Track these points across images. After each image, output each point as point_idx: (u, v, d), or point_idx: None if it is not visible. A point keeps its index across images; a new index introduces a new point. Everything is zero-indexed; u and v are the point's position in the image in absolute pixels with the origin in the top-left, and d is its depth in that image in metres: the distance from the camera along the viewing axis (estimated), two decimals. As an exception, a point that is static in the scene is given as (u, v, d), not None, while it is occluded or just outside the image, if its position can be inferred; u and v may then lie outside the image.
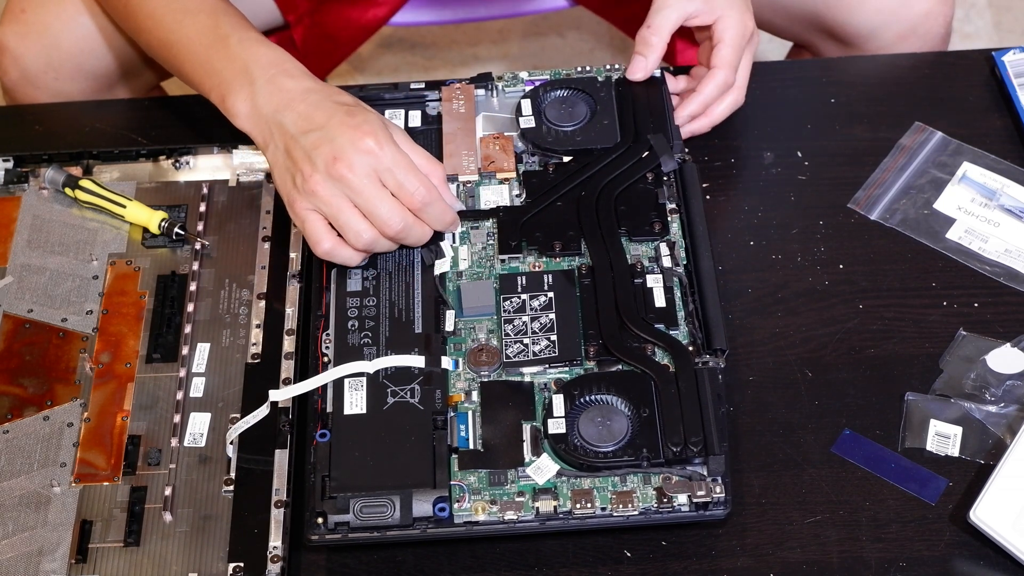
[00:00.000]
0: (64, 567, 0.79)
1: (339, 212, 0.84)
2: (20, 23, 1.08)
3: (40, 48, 1.08)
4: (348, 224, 0.84)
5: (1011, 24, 1.88)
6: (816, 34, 1.15)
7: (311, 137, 0.85)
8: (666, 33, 0.96)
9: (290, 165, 0.85)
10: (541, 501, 0.79)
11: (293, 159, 0.85)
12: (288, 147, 0.86)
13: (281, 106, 0.87)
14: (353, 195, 0.84)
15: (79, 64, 1.09)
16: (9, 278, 0.92)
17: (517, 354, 0.84)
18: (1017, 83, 1.00)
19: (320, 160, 0.84)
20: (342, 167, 0.83)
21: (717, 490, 0.78)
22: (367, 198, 0.84)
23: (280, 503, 0.80)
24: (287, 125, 0.86)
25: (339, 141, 0.84)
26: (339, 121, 0.85)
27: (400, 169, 0.85)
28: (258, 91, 0.88)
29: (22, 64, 1.08)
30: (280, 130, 0.86)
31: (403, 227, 0.85)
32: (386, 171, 0.84)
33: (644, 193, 0.92)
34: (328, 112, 0.86)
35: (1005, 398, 0.86)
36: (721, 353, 0.84)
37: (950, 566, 0.80)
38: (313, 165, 0.84)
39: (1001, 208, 0.95)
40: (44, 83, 1.09)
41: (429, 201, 0.86)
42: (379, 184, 0.84)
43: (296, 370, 0.86)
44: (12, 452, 0.84)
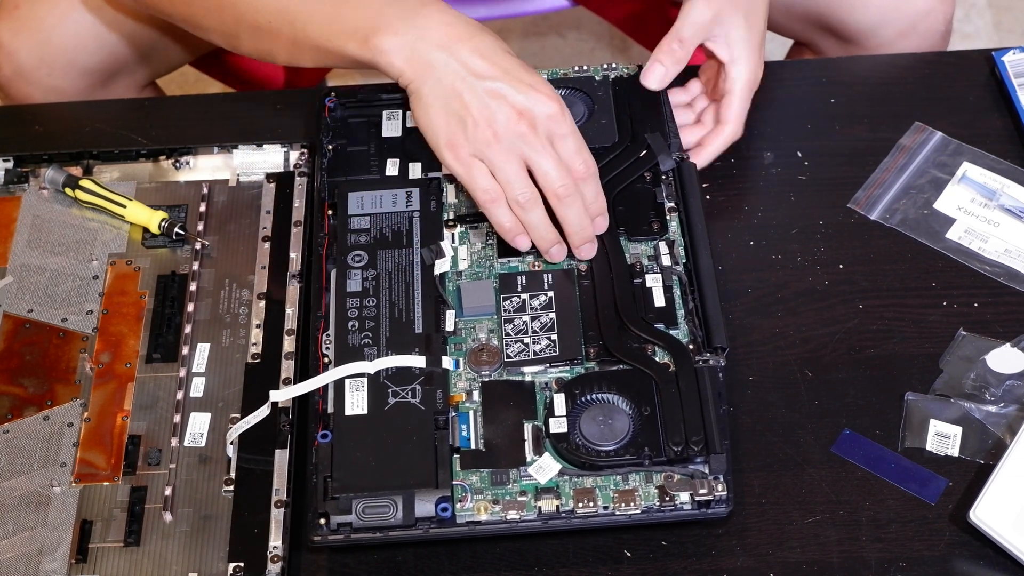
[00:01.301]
0: (64, 567, 0.79)
1: (508, 164, 0.84)
2: (14, 19, 1.08)
3: (33, 44, 1.07)
4: (515, 178, 0.84)
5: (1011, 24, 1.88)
6: (816, 32, 1.15)
7: (489, 84, 0.84)
8: (691, 50, 0.95)
9: (458, 107, 0.84)
10: (543, 500, 0.79)
11: (464, 102, 0.84)
12: (457, 87, 0.84)
13: (446, 42, 0.84)
14: (528, 151, 0.84)
15: (72, 60, 1.08)
16: (9, 278, 0.92)
17: (518, 353, 0.84)
18: (1017, 83, 1.00)
19: (502, 112, 0.83)
20: (524, 124, 0.83)
21: (719, 488, 0.78)
22: (541, 156, 0.84)
23: (280, 503, 0.80)
24: (456, 64, 0.84)
25: (523, 97, 0.84)
26: (518, 76, 0.84)
27: (574, 139, 0.85)
28: (414, 23, 0.85)
29: (15, 60, 1.08)
30: (447, 68, 0.84)
31: (568, 192, 0.85)
32: (561, 137, 0.85)
33: (642, 192, 0.92)
34: (505, 62, 0.85)
35: (1005, 398, 0.86)
36: (721, 351, 0.84)
37: (950, 566, 0.80)
38: (492, 115, 0.83)
39: (1001, 208, 0.95)
40: (38, 79, 1.09)
41: (592, 174, 0.86)
42: (551, 146, 0.85)
43: (296, 370, 0.86)
44: (12, 452, 0.84)
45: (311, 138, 0.97)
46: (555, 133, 0.85)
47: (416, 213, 0.91)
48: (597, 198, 0.87)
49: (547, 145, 0.84)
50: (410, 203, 0.92)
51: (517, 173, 0.84)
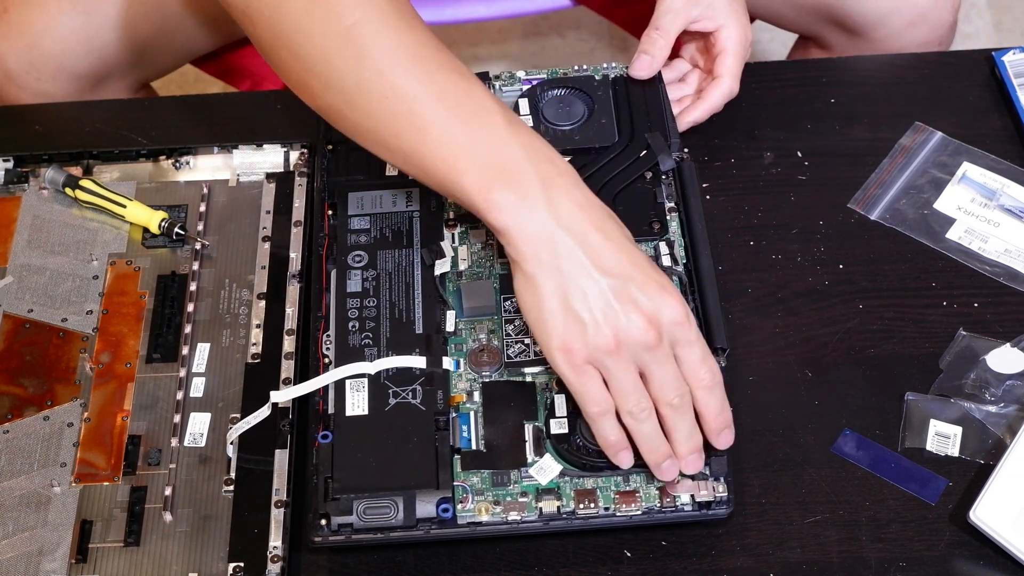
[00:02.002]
0: (64, 567, 0.79)
1: (625, 378, 0.75)
2: (2, 23, 1.08)
3: (22, 48, 1.07)
4: (629, 392, 0.75)
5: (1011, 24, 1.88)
6: (824, 24, 1.15)
7: (617, 284, 0.74)
8: (672, 36, 0.98)
9: (580, 306, 0.74)
10: (544, 501, 0.79)
11: (588, 302, 0.74)
12: (581, 282, 0.74)
13: (577, 226, 0.74)
14: (650, 362, 0.75)
15: (61, 64, 1.08)
16: (9, 278, 0.92)
17: (519, 354, 0.84)
18: (1017, 83, 1.00)
19: (630, 322, 0.74)
20: (652, 335, 0.74)
21: (720, 489, 0.78)
22: (663, 367, 0.75)
23: (280, 503, 0.80)
24: (583, 254, 0.74)
25: (652, 303, 0.74)
26: (647, 273, 0.75)
27: (700, 346, 0.76)
28: (546, 192, 0.74)
29: (4, 64, 1.08)
30: (572, 256, 0.74)
31: (685, 402, 0.76)
32: (687, 345, 0.76)
33: (642, 192, 0.92)
34: (631, 256, 0.75)
35: (1005, 398, 0.86)
36: (722, 352, 0.84)
37: (950, 566, 0.80)
38: (617, 320, 0.74)
39: (1001, 208, 0.95)
40: (26, 83, 1.08)
41: (717, 383, 0.77)
42: (673, 356, 0.76)
43: (296, 370, 0.86)
44: (12, 452, 0.84)
45: (311, 138, 0.97)
46: (680, 340, 0.76)
47: (416, 213, 0.91)
48: (722, 410, 0.78)
49: (670, 354, 0.75)
50: (410, 203, 0.91)
51: (634, 384, 0.76)
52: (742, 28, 0.98)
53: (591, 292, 0.74)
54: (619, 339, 0.74)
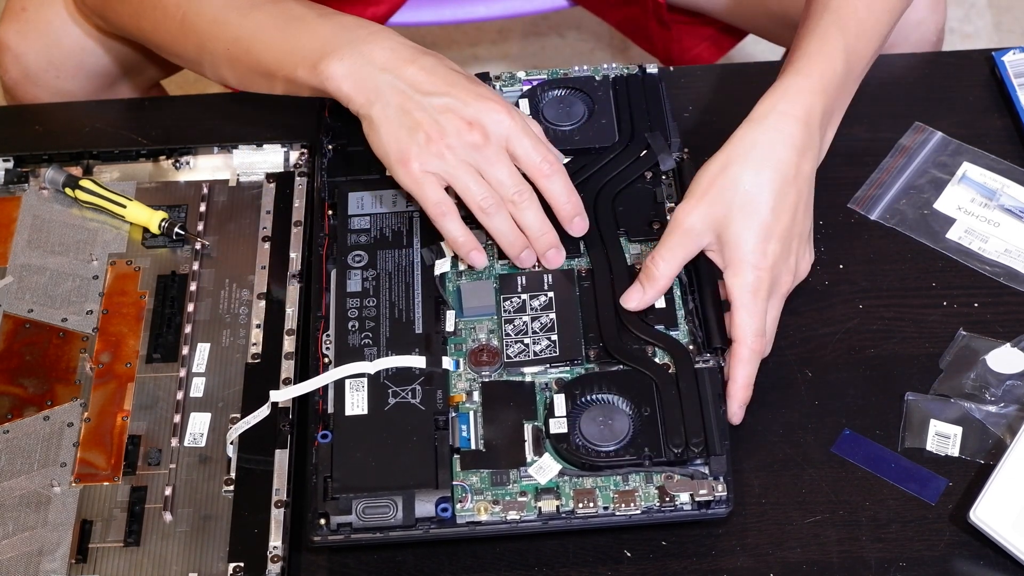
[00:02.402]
0: (64, 567, 0.79)
1: (464, 176, 0.84)
2: (21, 21, 1.08)
3: (41, 46, 1.07)
4: (472, 188, 0.85)
5: (1011, 24, 1.88)
6: None
7: (436, 100, 0.85)
8: (673, 271, 0.85)
9: (408, 124, 0.84)
10: (543, 501, 0.79)
11: (414, 119, 0.84)
12: (406, 106, 0.85)
13: (392, 64, 0.86)
14: (481, 162, 0.84)
15: (80, 62, 1.08)
16: (9, 278, 0.92)
17: (518, 354, 0.84)
18: (1017, 83, 1.00)
19: (451, 124, 0.84)
20: (476, 135, 0.84)
21: (719, 488, 0.78)
22: (495, 166, 0.85)
23: (280, 503, 0.80)
24: (402, 84, 0.85)
25: (471, 109, 0.84)
26: (464, 88, 0.85)
27: (528, 139, 0.85)
28: (359, 49, 0.86)
29: (23, 62, 1.08)
30: (393, 88, 0.85)
31: (525, 195, 0.85)
32: (515, 140, 0.85)
33: (642, 192, 0.92)
34: (449, 77, 0.86)
35: (1005, 398, 0.86)
36: (722, 352, 0.84)
37: (950, 566, 0.80)
38: (442, 128, 0.84)
39: (1001, 208, 0.95)
40: (45, 81, 1.09)
41: (556, 171, 0.86)
42: (506, 153, 0.85)
43: (296, 370, 0.86)
44: (12, 452, 0.84)
45: (311, 138, 0.97)
46: (508, 138, 0.85)
47: (416, 213, 0.91)
48: (569, 196, 0.87)
49: (500, 154, 0.85)
50: (410, 203, 0.92)
51: (475, 180, 0.85)
52: (755, 272, 0.83)
53: (416, 112, 0.85)
54: (447, 143, 0.84)
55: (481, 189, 0.85)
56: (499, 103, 0.85)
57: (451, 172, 0.85)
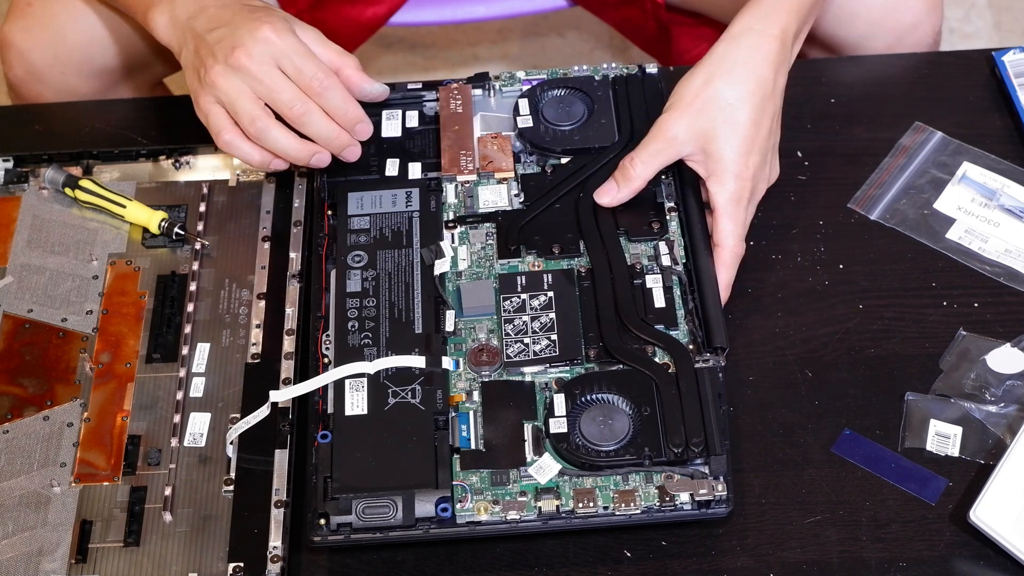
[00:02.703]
0: (64, 567, 0.79)
1: (236, 99, 0.87)
2: (26, 17, 1.08)
3: (46, 43, 1.07)
4: (243, 109, 0.87)
5: (1011, 24, 1.88)
6: (805, 44, 1.15)
7: (215, 34, 0.88)
8: (650, 173, 0.89)
9: (196, 62, 0.89)
10: (543, 501, 0.79)
11: (199, 56, 0.89)
12: (196, 47, 0.89)
13: (195, 12, 0.90)
14: (252, 82, 0.87)
15: (86, 59, 1.08)
16: (9, 278, 0.92)
17: (518, 354, 0.84)
18: (1017, 83, 1.00)
19: (220, 52, 0.87)
20: (241, 55, 0.87)
21: (719, 488, 0.78)
22: (266, 84, 0.87)
23: (280, 503, 0.80)
24: (197, 27, 0.89)
25: (239, 32, 0.88)
26: (243, 17, 0.89)
27: (298, 55, 0.88)
28: (176, 2, 0.91)
29: (28, 59, 1.08)
30: (192, 33, 0.90)
31: (303, 110, 0.88)
32: (284, 57, 0.87)
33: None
34: (233, 11, 0.90)
35: (1005, 398, 0.86)
36: (721, 351, 0.84)
37: (950, 566, 0.80)
38: (214, 57, 0.87)
39: (1001, 208, 0.95)
40: (50, 78, 1.08)
41: (328, 87, 0.88)
42: (278, 70, 0.87)
43: (296, 370, 0.86)
44: (12, 452, 0.84)
45: (311, 138, 0.97)
46: (275, 55, 0.87)
47: (416, 213, 0.91)
48: (347, 105, 0.90)
49: (269, 71, 0.87)
50: (410, 203, 0.92)
51: (244, 104, 0.87)
52: (736, 181, 0.88)
53: (201, 51, 0.89)
54: (216, 71, 0.87)
55: (249, 110, 0.87)
56: (267, 21, 0.88)
57: (224, 98, 0.87)
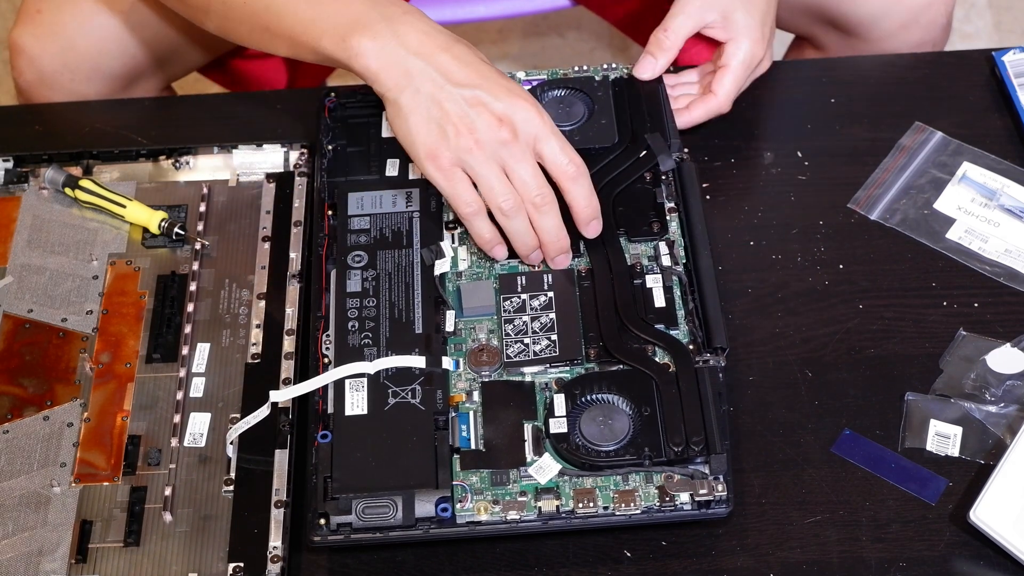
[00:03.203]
0: (64, 567, 0.79)
1: (490, 173, 0.84)
2: (36, 24, 1.07)
3: (56, 49, 1.07)
4: (497, 187, 0.84)
5: (1011, 24, 1.88)
6: (818, 25, 1.15)
7: (468, 93, 0.84)
8: (680, 39, 0.97)
9: (439, 116, 0.84)
10: (543, 501, 0.79)
11: (445, 111, 0.84)
12: (437, 96, 0.84)
13: (425, 49, 0.84)
14: (508, 159, 0.84)
15: (96, 65, 1.08)
16: (9, 278, 0.92)
17: (518, 354, 0.84)
18: (1017, 83, 1.00)
19: (482, 119, 0.83)
20: (506, 131, 0.83)
21: (719, 488, 0.78)
22: (522, 164, 0.84)
23: (280, 503, 0.80)
24: (435, 72, 0.84)
25: (502, 104, 0.84)
26: (496, 83, 0.85)
27: (556, 140, 0.85)
28: (393, 29, 0.85)
29: (38, 65, 1.08)
30: (425, 75, 0.84)
31: (547, 199, 0.85)
32: (544, 140, 0.85)
33: (642, 193, 0.92)
34: (481, 70, 0.85)
35: (1005, 398, 0.86)
36: (722, 351, 0.84)
37: (950, 566, 0.80)
38: (472, 123, 0.83)
39: (1001, 208, 0.95)
40: (60, 84, 1.08)
41: (581, 174, 0.86)
42: (533, 153, 0.85)
43: (296, 370, 0.86)
44: (12, 452, 0.84)
45: (311, 138, 0.97)
46: (537, 138, 0.85)
47: (416, 213, 0.91)
48: (590, 200, 0.87)
49: (527, 152, 0.84)
50: (410, 203, 0.92)
51: (500, 180, 0.84)
52: (751, 46, 0.96)
53: (447, 103, 0.84)
54: (476, 138, 0.83)
55: (504, 189, 0.84)
56: (529, 101, 0.85)
57: (477, 168, 0.84)
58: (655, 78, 0.97)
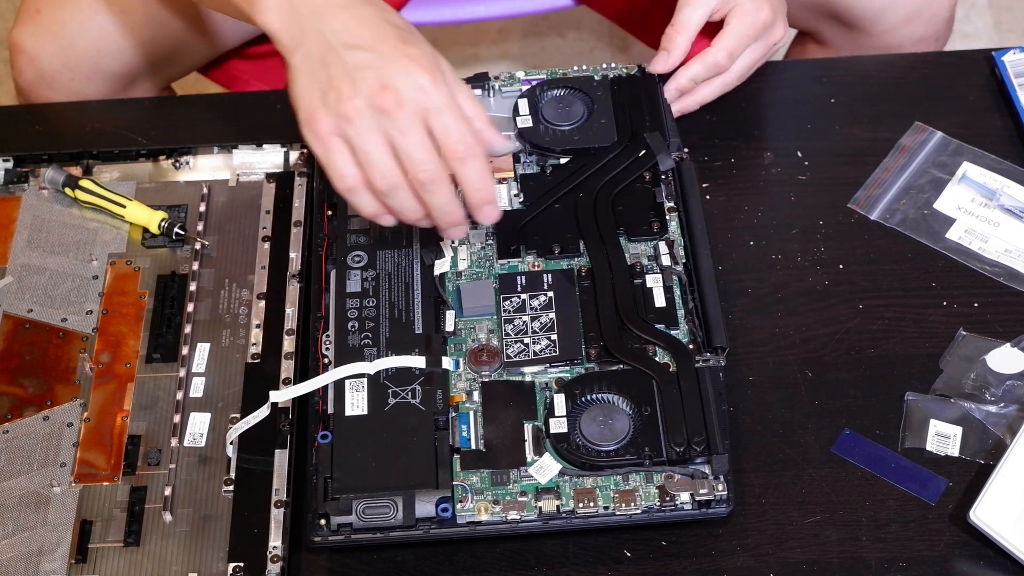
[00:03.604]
0: (64, 567, 0.79)
1: (370, 145, 0.76)
2: (36, 23, 1.07)
3: (56, 48, 1.07)
4: (377, 161, 0.76)
5: (1011, 24, 1.88)
6: (821, 19, 1.15)
7: (357, 55, 0.76)
8: (691, 31, 0.96)
9: (323, 79, 0.77)
10: (544, 501, 0.79)
11: (330, 74, 0.76)
12: (326, 58, 0.77)
13: (324, 8, 0.77)
14: (392, 130, 0.76)
15: (95, 64, 1.08)
16: (9, 278, 0.92)
17: (518, 354, 0.84)
18: (1017, 83, 1.00)
19: (364, 84, 0.75)
20: (389, 98, 0.75)
21: (719, 488, 0.78)
22: (407, 137, 0.76)
23: (280, 503, 0.80)
24: (328, 33, 0.77)
25: (390, 69, 0.76)
26: (392, 46, 0.77)
27: (450, 113, 0.76)
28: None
29: (38, 64, 1.08)
30: (317, 36, 0.77)
31: (435, 176, 0.77)
32: (435, 112, 0.76)
33: (642, 192, 0.92)
34: (380, 32, 0.77)
35: (1005, 398, 0.86)
36: (722, 351, 0.84)
37: (950, 566, 0.80)
38: (355, 88, 0.75)
39: (1001, 208, 0.95)
40: (60, 83, 1.08)
41: (473, 155, 0.77)
42: (423, 124, 0.76)
43: (296, 370, 0.86)
44: (12, 452, 0.84)
45: (311, 138, 0.97)
46: (427, 108, 0.76)
47: (416, 213, 0.91)
48: (483, 183, 0.78)
49: (414, 123, 0.76)
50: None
51: (380, 155, 0.77)
52: (753, 10, 0.95)
53: (334, 66, 0.76)
54: (355, 105, 0.75)
55: (383, 164, 0.77)
56: (424, 66, 0.76)
57: (356, 139, 0.76)
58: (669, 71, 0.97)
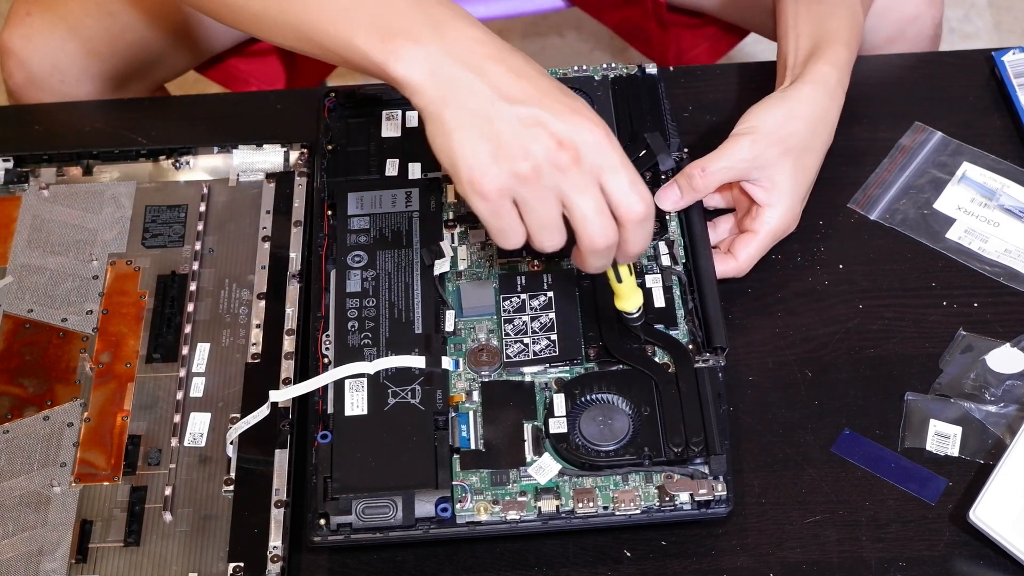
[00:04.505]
0: (64, 567, 0.79)
1: (544, 206, 0.72)
2: (25, 26, 1.08)
3: (46, 51, 1.07)
4: (548, 224, 0.72)
5: (1011, 24, 1.88)
6: None
7: (524, 111, 0.71)
8: (715, 185, 0.89)
9: (489, 135, 0.71)
10: (543, 501, 0.79)
11: (495, 130, 0.71)
12: (487, 113, 0.71)
13: (475, 60, 0.72)
14: (567, 189, 0.71)
15: (85, 67, 1.08)
16: (9, 278, 0.92)
17: (517, 354, 0.84)
18: (1017, 83, 1.00)
19: (539, 144, 0.71)
20: (565, 157, 0.71)
21: (719, 488, 0.78)
22: (584, 197, 0.72)
23: (280, 503, 0.80)
24: (486, 87, 0.71)
25: (562, 125, 0.71)
26: (556, 99, 0.72)
27: (626, 172, 0.72)
28: (439, 34, 0.72)
29: (27, 67, 1.08)
30: (473, 89, 0.71)
31: (611, 242, 0.73)
32: (610, 170, 0.72)
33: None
34: (539, 85, 0.72)
35: (1005, 398, 0.86)
36: (721, 351, 0.84)
37: (950, 566, 0.80)
38: (527, 146, 0.71)
39: (1001, 208, 0.95)
40: (50, 86, 1.08)
41: (648, 216, 0.73)
42: (598, 184, 0.72)
43: (296, 370, 0.86)
44: (12, 452, 0.84)
45: (311, 138, 0.97)
46: (603, 167, 0.72)
47: (416, 213, 0.91)
48: (647, 242, 0.76)
49: (591, 183, 0.72)
50: (410, 203, 0.92)
51: (551, 218, 0.72)
52: (786, 216, 0.89)
53: (498, 121, 0.71)
54: (532, 164, 0.71)
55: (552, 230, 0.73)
56: (597, 122, 0.72)
57: (531, 201, 0.72)
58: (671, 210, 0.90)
